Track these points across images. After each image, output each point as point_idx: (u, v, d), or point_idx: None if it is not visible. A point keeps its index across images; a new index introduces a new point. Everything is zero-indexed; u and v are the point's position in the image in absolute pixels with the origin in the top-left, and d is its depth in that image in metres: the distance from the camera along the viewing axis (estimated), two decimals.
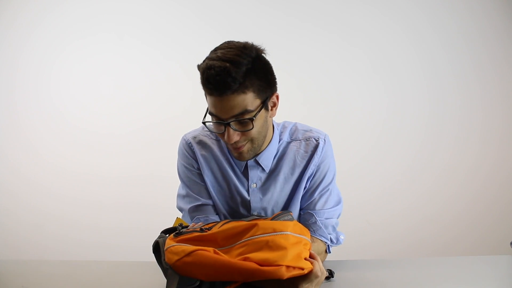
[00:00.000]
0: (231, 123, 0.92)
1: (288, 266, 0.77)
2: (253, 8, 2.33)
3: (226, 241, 0.84)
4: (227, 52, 0.91)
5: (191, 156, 1.12)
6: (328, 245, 1.10)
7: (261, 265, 0.77)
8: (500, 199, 2.34)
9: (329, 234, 1.09)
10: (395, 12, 2.33)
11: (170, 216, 1.22)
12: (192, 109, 2.36)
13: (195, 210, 1.11)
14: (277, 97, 1.02)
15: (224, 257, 0.79)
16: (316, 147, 1.10)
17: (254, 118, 0.93)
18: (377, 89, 2.36)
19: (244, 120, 0.93)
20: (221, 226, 0.87)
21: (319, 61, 2.34)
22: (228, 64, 0.88)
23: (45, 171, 2.41)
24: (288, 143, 1.12)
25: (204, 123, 0.98)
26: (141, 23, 2.37)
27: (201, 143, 1.12)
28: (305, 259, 0.83)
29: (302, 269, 0.80)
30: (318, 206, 1.09)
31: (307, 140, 1.11)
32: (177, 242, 0.83)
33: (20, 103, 2.41)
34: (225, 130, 0.94)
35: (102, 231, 2.38)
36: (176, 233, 0.86)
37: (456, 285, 0.93)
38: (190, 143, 1.13)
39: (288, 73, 2.30)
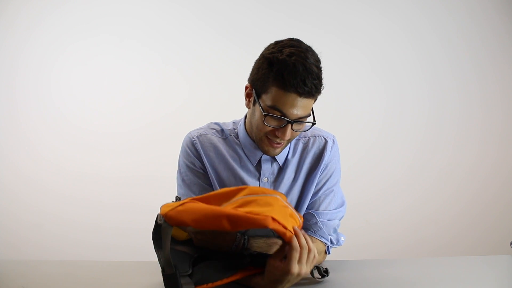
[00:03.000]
0: (295, 122, 0.95)
1: (273, 218, 0.77)
2: (252, 9, 2.33)
3: (217, 202, 0.85)
4: (309, 55, 0.95)
5: (194, 155, 1.10)
6: (328, 246, 1.09)
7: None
8: (500, 199, 2.34)
9: (329, 235, 1.08)
10: (394, 12, 2.33)
11: None
12: (192, 109, 2.38)
13: None
14: None
15: (213, 206, 0.81)
16: (325, 145, 1.11)
17: (314, 123, 0.99)
18: (377, 89, 2.36)
19: (303, 121, 0.97)
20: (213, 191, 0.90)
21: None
22: (316, 70, 0.94)
23: (45, 171, 2.41)
24: (297, 139, 1.12)
25: (266, 115, 0.95)
26: (140, 24, 2.37)
27: (206, 142, 1.10)
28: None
29: (286, 228, 0.79)
30: (322, 207, 1.09)
31: (316, 138, 1.12)
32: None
33: (20, 103, 2.42)
34: (282, 127, 0.95)
35: (102, 231, 2.38)
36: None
37: (456, 285, 0.93)
38: (194, 141, 1.11)
39: None
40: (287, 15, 2.32)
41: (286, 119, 0.94)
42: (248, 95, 1.03)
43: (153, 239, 0.90)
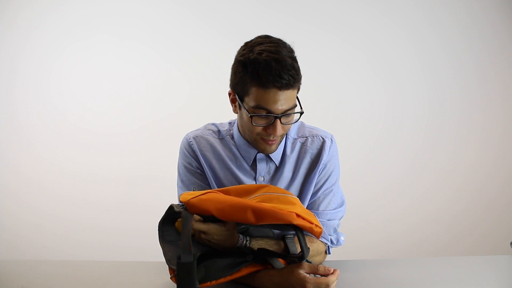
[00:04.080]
0: (282, 116, 0.95)
1: (298, 214, 0.79)
2: (253, 9, 2.33)
3: (238, 195, 0.87)
4: (282, 49, 0.95)
5: (191, 155, 1.11)
6: (328, 246, 1.09)
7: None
8: (500, 199, 2.34)
9: (329, 235, 1.08)
10: (394, 12, 2.33)
11: None
12: (192, 109, 2.38)
13: None
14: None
15: (239, 198, 0.82)
16: (322, 145, 1.10)
17: (302, 112, 0.99)
18: (377, 89, 2.36)
19: (290, 113, 0.97)
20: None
21: (318, 62, 2.34)
22: (291, 61, 0.93)
23: (45, 171, 2.41)
24: (295, 139, 1.12)
25: (251, 116, 0.95)
26: (140, 24, 2.37)
27: (203, 142, 1.12)
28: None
29: (311, 223, 0.82)
30: (321, 207, 1.08)
31: (314, 137, 1.12)
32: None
33: (20, 103, 2.42)
34: (270, 124, 0.96)
35: (102, 231, 2.38)
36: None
37: (456, 285, 0.93)
38: (191, 142, 1.12)
39: None
40: (287, 15, 2.32)
41: (273, 115, 0.94)
42: (232, 101, 1.04)
43: (159, 230, 0.89)
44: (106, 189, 2.39)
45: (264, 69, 0.91)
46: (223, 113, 1.04)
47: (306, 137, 1.12)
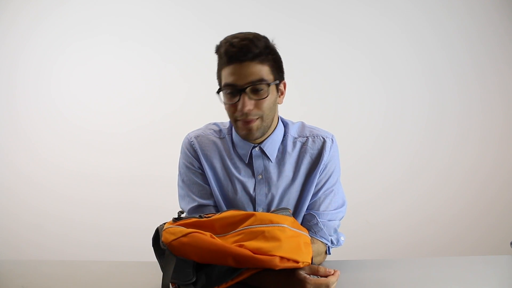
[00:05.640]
0: (247, 89, 0.96)
1: (282, 257, 0.78)
2: (252, 9, 2.33)
3: (223, 229, 0.86)
4: (247, 32, 1.00)
5: (192, 155, 1.12)
6: (328, 247, 1.09)
7: (255, 253, 0.78)
8: (500, 199, 2.34)
9: (330, 236, 1.08)
10: (394, 12, 2.33)
11: (171, 216, 1.22)
12: (192, 109, 2.38)
13: (195, 211, 1.10)
14: (285, 86, 1.08)
15: (219, 241, 0.80)
16: (323, 145, 1.10)
17: (270, 84, 0.99)
18: (376, 90, 2.36)
19: (260, 87, 0.97)
20: (219, 214, 0.89)
21: (318, 62, 2.34)
22: (250, 36, 0.98)
23: (45, 170, 2.41)
24: (295, 138, 1.13)
25: (218, 92, 1.01)
26: (139, 24, 2.37)
27: (204, 142, 1.13)
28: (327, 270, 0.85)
29: (297, 262, 0.81)
30: (322, 207, 1.08)
31: (314, 137, 1.12)
32: (176, 225, 0.86)
33: (20, 103, 2.42)
34: (239, 100, 0.97)
35: (102, 231, 2.38)
36: (175, 218, 0.89)
37: (456, 285, 0.93)
38: (192, 141, 1.13)
39: (286, 74, 2.30)
40: (287, 15, 2.32)
41: (237, 88, 0.97)
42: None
43: (153, 246, 0.90)
44: (106, 189, 2.39)
45: (224, 47, 0.97)
46: (223, 112, 1.04)
47: (307, 137, 1.12)
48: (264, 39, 1.00)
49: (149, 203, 2.35)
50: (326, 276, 0.84)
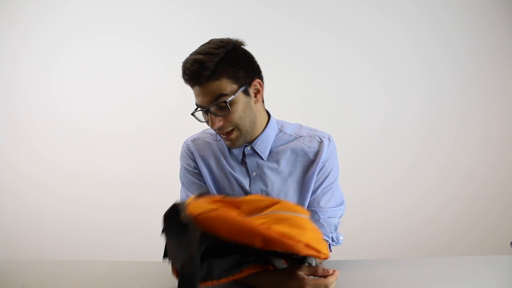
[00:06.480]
0: (211, 108, 1.00)
1: (307, 245, 0.78)
2: (252, 9, 2.33)
3: (249, 211, 0.85)
4: (204, 47, 1.02)
5: (189, 157, 1.16)
6: (329, 244, 1.10)
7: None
8: (500, 199, 2.34)
9: (330, 233, 1.09)
10: (394, 12, 2.33)
11: None
12: (192, 109, 2.37)
13: None
14: (260, 84, 1.07)
15: (249, 220, 0.79)
16: (320, 144, 1.11)
17: (227, 100, 0.99)
18: (376, 90, 2.36)
19: (221, 104, 0.99)
20: (244, 197, 0.90)
21: (317, 62, 2.34)
22: (201, 56, 0.98)
23: (45, 170, 2.41)
24: (291, 135, 1.14)
25: (192, 114, 1.05)
26: (139, 24, 2.37)
27: (199, 144, 1.17)
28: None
29: (319, 252, 0.80)
30: (322, 204, 1.09)
31: (312, 137, 1.13)
32: (201, 201, 0.84)
33: (21, 102, 2.42)
34: (209, 117, 1.01)
35: (102, 230, 2.38)
36: (198, 195, 0.88)
37: (456, 285, 0.93)
38: (189, 144, 1.19)
39: (286, 74, 2.30)
40: (287, 15, 2.32)
41: (203, 109, 1.02)
42: None
43: (165, 222, 0.86)
44: (106, 188, 2.39)
45: (182, 72, 1.02)
46: None
47: (304, 136, 1.14)
48: (219, 50, 0.99)
49: (149, 203, 2.35)
50: (325, 277, 0.84)
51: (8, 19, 2.38)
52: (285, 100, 2.19)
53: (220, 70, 0.98)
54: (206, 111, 1.01)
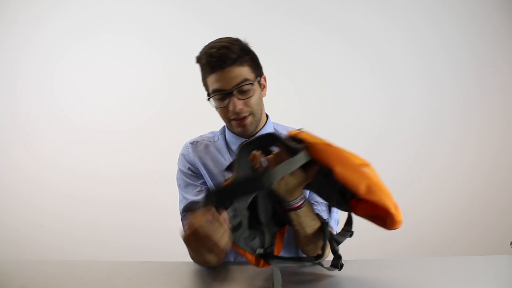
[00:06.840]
0: (234, 92, 1.04)
1: (395, 206, 0.90)
2: (252, 9, 2.33)
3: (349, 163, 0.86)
4: (221, 40, 1.08)
5: (187, 159, 1.19)
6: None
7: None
8: (500, 199, 2.34)
9: (332, 225, 1.12)
10: (394, 12, 2.33)
11: (171, 216, 1.22)
12: (193, 108, 2.38)
13: (188, 208, 1.13)
14: (265, 80, 1.14)
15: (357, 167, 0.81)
16: None
17: (253, 83, 1.06)
18: (376, 90, 2.36)
19: (243, 88, 1.04)
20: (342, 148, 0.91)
21: (317, 62, 2.34)
22: (225, 43, 1.04)
23: (47, 169, 2.41)
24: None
25: (208, 99, 1.09)
26: (140, 24, 2.37)
27: (199, 146, 1.20)
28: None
29: (398, 216, 0.90)
30: (319, 199, 1.11)
31: None
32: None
33: (22, 102, 2.42)
34: (229, 102, 1.05)
35: (103, 229, 2.38)
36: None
37: (456, 285, 0.93)
38: (187, 146, 1.22)
39: (285, 74, 2.30)
40: (286, 16, 2.32)
41: (226, 91, 1.04)
42: None
43: (239, 152, 0.87)
44: (107, 187, 2.39)
45: (204, 57, 1.05)
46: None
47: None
48: (237, 42, 1.07)
49: (150, 202, 2.35)
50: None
51: (9, 19, 2.38)
52: (284, 100, 2.19)
53: (244, 56, 1.05)
54: (229, 94, 1.04)
